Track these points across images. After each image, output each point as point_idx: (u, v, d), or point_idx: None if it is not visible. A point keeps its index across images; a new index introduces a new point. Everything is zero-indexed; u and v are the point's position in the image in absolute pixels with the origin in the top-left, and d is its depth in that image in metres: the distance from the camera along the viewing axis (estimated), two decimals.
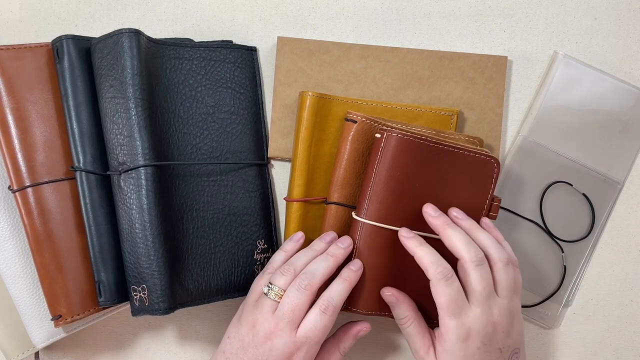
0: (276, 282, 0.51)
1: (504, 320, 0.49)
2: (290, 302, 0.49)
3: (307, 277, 0.50)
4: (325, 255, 0.52)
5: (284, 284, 0.51)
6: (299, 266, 0.52)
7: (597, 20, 0.64)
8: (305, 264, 0.52)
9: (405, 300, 0.53)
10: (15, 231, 0.56)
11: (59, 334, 0.56)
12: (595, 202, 0.62)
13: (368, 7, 0.63)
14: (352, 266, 0.52)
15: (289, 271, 0.51)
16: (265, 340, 0.49)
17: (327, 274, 0.51)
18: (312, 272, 0.50)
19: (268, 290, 0.51)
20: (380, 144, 0.52)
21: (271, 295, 0.50)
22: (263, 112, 0.63)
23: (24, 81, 0.54)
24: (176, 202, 0.55)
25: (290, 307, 0.49)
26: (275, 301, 0.50)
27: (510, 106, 0.63)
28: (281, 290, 0.50)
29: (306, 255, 0.53)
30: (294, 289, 0.50)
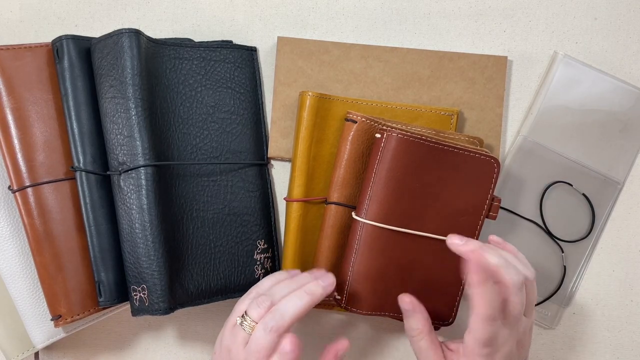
0: (250, 313, 0.48)
1: (526, 338, 0.50)
2: (257, 342, 0.47)
3: (275, 317, 0.47)
4: (300, 292, 0.48)
5: (257, 317, 0.47)
6: (275, 298, 0.48)
7: (597, 20, 0.64)
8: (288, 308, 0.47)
9: (422, 311, 0.51)
10: (15, 231, 0.56)
11: (59, 334, 0.56)
12: (595, 202, 0.62)
13: (368, 7, 0.63)
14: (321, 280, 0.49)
15: (264, 304, 0.48)
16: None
17: (299, 314, 0.47)
18: (282, 312, 0.47)
19: (241, 321, 0.48)
20: (380, 144, 0.52)
21: (245, 327, 0.48)
22: (263, 112, 0.63)
23: (24, 81, 0.54)
24: (176, 202, 0.55)
25: (257, 349, 0.46)
26: (248, 333, 0.48)
27: (510, 106, 0.63)
28: (253, 322, 0.47)
29: (286, 288, 0.49)
30: (261, 329, 0.47)
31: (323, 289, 0.49)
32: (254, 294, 0.51)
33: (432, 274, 0.54)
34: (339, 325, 0.63)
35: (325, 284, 0.49)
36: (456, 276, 0.55)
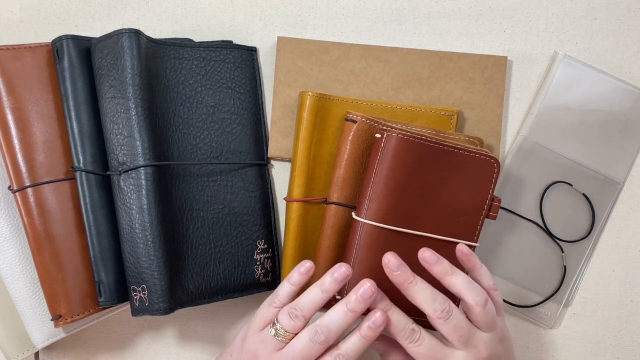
0: (283, 324, 0.49)
1: (495, 350, 0.50)
2: (302, 350, 0.48)
3: (324, 332, 0.48)
4: (344, 309, 0.49)
5: (291, 329, 0.49)
6: (307, 312, 0.49)
7: (597, 20, 0.64)
8: (314, 308, 0.49)
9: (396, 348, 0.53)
10: (15, 231, 0.56)
11: (59, 334, 0.56)
12: (595, 202, 0.62)
13: (368, 7, 0.63)
14: (371, 323, 0.49)
15: (297, 317, 0.49)
16: None
17: (345, 328, 0.49)
18: (329, 327, 0.48)
19: (275, 331, 0.49)
20: (380, 144, 0.52)
21: (278, 337, 0.49)
22: (263, 112, 0.63)
23: (24, 81, 0.54)
24: (176, 202, 0.55)
25: (301, 356, 0.48)
26: (282, 342, 0.49)
27: (510, 106, 0.63)
28: (287, 333, 0.49)
29: (314, 298, 0.49)
30: (307, 339, 0.48)
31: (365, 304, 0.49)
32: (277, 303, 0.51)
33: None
34: None
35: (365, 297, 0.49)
36: None
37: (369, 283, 0.49)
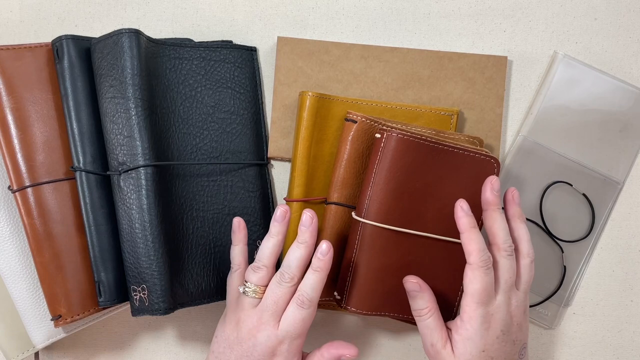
0: (250, 279, 0.51)
1: (519, 313, 0.51)
2: (272, 294, 0.50)
3: (287, 272, 0.50)
4: (296, 244, 0.51)
5: (257, 280, 0.51)
6: (266, 260, 0.51)
7: (597, 20, 0.64)
8: (271, 254, 0.51)
9: (428, 290, 0.52)
10: (15, 231, 0.56)
11: (59, 334, 0.56)
12: (595, 202, 0.62)
13: (368, 7, 0.63)
14: (319, 254, 0.50)
15: (259, 267, 0.51)
16: (249, 337, 0.50)
17: (304, 262, 0.51)
18: (289, 265, 0.50)
19: (244, 288, 0.51)
20: (380, 144, 0.52)
21: (249, 293, 0.51)
22: (263, 112, 0.63)
23: (24, 81, 0.54)
24: (176, 202, 0.55)
25: (273, 300, 0.50)
26: (254, 298, 0.51)
27: (510, 106, 0.63)
28: (257, 287, 0.51)
29: (268, 245, 0.52)
30: (275, 283, 0.50)
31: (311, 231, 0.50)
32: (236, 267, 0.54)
33: (432, 274, 0.54)
34: (340, 325, 0.63)
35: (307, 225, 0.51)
36: (456, 276, 0.55)
37: (308, 213, 0.51)
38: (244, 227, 0.55)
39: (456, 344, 0.50)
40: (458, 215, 0.51)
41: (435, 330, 0.51)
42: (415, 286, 0.52)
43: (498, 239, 0.51)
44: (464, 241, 0.50)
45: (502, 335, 0.49)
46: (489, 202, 0.52)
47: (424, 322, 0.52)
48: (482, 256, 0.49)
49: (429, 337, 0.51)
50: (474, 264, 0.49)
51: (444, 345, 0.50)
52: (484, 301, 0.49)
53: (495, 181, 0.52)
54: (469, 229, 0.50)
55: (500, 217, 0.51)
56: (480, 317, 0.49)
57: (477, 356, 0.49)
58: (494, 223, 0.51)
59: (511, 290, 0.51)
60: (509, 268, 0.50)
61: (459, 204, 0.51)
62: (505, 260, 0.50)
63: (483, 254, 0.49)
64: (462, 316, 0.50)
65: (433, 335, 0.51)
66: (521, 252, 0.52)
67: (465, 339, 0.49)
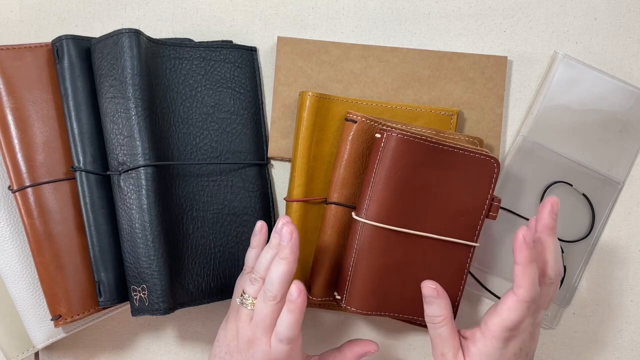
0: (247, 291, 0.51)
1: (537, 330, 0.51)
2: (259, 313, 0.49)
3: (268, 287, 0.49)
4: (277, 260, 0.49)
5: (254, 293, 0.50)
6: (262, 272, 0.50)
7: (597, 20, 0.64)
8: (267, 267, 0.50)
9: (446, 297, 0.50)
10: (15, 231, 0.56)
11: (59, 334, 0.56)
12: (595, 202, 0.62)
13: (368, 7, 0.63)
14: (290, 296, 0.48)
15: (256, 279, 0.51)
16: (248, 347, 0.50)
17: (287, 277, 0.49)
18: (271, 282, 0.49)
19: (242, 300, 0.51)
20: (380, 144, 0.52)
21: (246, 305, 0.51)
22: (263, 112, 0.63)
23: (24, 81, 0.54)
24: (176, 202, 0.55)
25: (261, 318, 0.49)
26: (251, 310, 0.50)
27: (510, 106, 0.63)
28: (253, 299, 0.50)
29: (266, 257, 0.51)
30: (260, 301, 0.49)
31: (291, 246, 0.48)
32: (248, 269, 0.54)
33: (432, 274, 0.54)
34: (339, 325, 0.63)
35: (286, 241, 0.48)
36: (456, 276, 0.55)
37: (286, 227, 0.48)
38: (265, 232, 0.54)
39: (472, 356, 0.48)
40: (518, 246, 0.46)
41: (448, 340, 0.50)
42: (432, 292, 0.50)
43: (547, 268, 0.48)
44: (518, 274, 0.46)
45: (520, 351, 0.49)
46: (546, 226, 0.48)
47: (437, 330, 0.50)
48: (532, 293, 0.46)
49: (440, 346, 0.50)
50: (521, 298, 0.46)
51: (455, 355, 0.49)
52: (514, 328, 0.47)
53: (556, 204, 0.48)
54: (527, 264, 0.46)
55: (554, 245, 0.48)
56: (504, 339, 0.48)
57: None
58: (546, 249, 0.48)
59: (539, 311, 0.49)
60: (548, 296, 0.49)
61: (521, 233, 0.46)
62: (547, 288, 0.48)
63: (534, 292, 0.46)
64: (485, 332, 0.48)
65: (445, 345, 0.50)
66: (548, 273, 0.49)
67: (483, 354, 0.48)
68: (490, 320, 0.48)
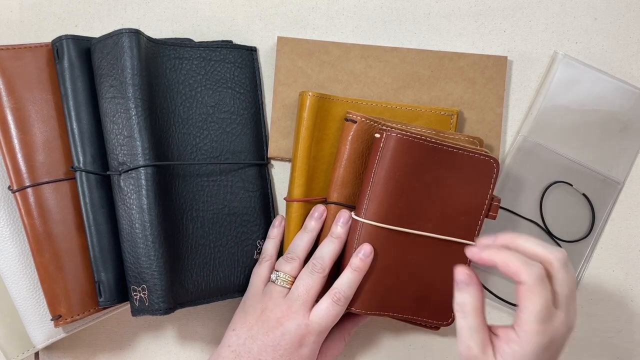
0: (282, 269, 0.54)
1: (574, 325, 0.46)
2: (304, 284, 0.52)
3: (319, 262, 0.52)
4: (330, 239, 0.54)
5: (290, 270, 0.53)
6: (300, 252, 0.54)
7: (597, 20, 0.64)
8: (305, 247, 0.54)
9: (478, 285, 0.46)
10: (15, 231, 0.56)
11: (59, 334, 0.56)
12: (595, 202, 0.62)
13: (368, 7, 0.63)
14: (360, 254, 0.52)
15: (292, 258, 0.54)
16: (277, 325, 0.50)
17: (335, 255, 0.53)
18: (322, 257, 0.53)
19: (276, 277, 0.54)
20: (379, 144, 0.52)
21: (279, 282, 0.53)
22: (263, 112, 0.63)
23: (24, 81, 0.54)
24: (176, 202, 0.55)
25: (305, 289, 0.51)
26: (284, 287, 0.53)
27: (510, 106, 0.63)
28: (288, 276, 0.53)
29: (303, 239, 0.55)
30: (307, 273, 0.52)
31: (345, 228, 0.54)
32: (267, 257, 0.57)
33: (431, 274, 0.54)
34: None
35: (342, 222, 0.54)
36: None
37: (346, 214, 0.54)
38: (283, 225, 0.58)
39: (503, 355, 0.44)
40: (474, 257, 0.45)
41: (477, 333, 0.45)
42: (465, 277, 0.45)
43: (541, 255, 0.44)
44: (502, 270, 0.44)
45: (556, 353, 0.45)
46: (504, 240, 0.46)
47: (465, 321, 0.45)
48: (530, 269, 0.42)
49: (467, 339, 0.45)
50: (527, 282, 0.42)
51: (484, 351, 0.44)
52: (546, 318, 0.43)
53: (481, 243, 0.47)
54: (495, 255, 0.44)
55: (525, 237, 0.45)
56: (541, 337, 0.43)
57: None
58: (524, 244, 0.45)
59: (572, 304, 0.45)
60: (568, 280, 0.44)
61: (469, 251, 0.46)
62: (562, 272, 0.44)
63: (530, 267, 0.43)
64: (519, 332, 0.43)
65: (472, 338, 0.45)
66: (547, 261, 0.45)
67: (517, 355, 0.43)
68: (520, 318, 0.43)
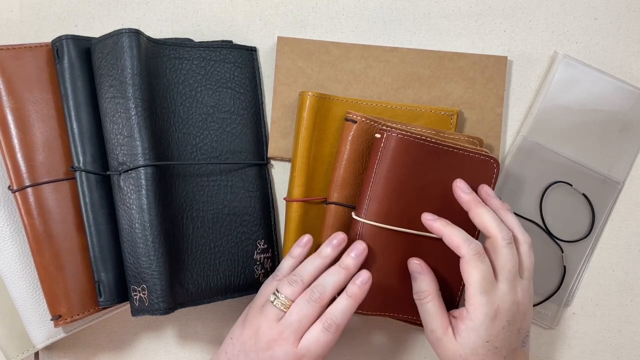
0: (283, 291, 0.51)
1: (526, 302, 0.51)
2: (298, 311, 0.49)
3: (318, 290, 0.50)
4: (337, 268, 0.51)
5: (290, 294, 0.50)
6: (306, 276, 0.51)
7: (597, 20, 0.64)
8: (313, 273, 0.51)
9: (430, 274, 0.52)
10: (15, 231, 0.56)
11: (59, 334, 0.56)
12: (595, 202, 0.62)
13: (368, 7, 0.63)
14: (357, 281, 0.50)
15: (296, 282, 0.51)
16: (267, 348, 0.49)
17: (339, 287, 0.50)
18: (323, 285, 0.50)
19: (274, 298, 0.50)
20: (380, 144, 0.52)
21: (277, 304, 0.50)
22: (263, 112, 0.63)
23: (24, 81, 0.54)
24: (176, 202, 0.55)
25: (298, 317, 0.49)
26: (281, 310, 0.50)
27: (510, 106, 0.63)
28: (287, 300, 0.50)
29: (313, 264, 0.52)
30: (304, 300, 0.49)
31: (357, 260, 0.51)
32: (280, 276, 0.53)
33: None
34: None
35: (356, 254, 0.51)
36: (456, 275, 0.55)
37: (363, 245, 0.51)
38: (310, 246, 0.54)
39: (460, 332, 0.49)
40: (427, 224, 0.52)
41: (436, 316, 0.51)
42: (417, 267, 0.52)
43: (492, 230, 0.50)
44: (447, 241, 0.50)
45: (508, 325, 0.49)
46: (467, 201, 0.52)
47: (425, 306, 0.51)
48: (469, 245, 0.49)
49: (430, 323, 0.51)
50: (465, 256, 0.49)
51: (445, 332, 0.50)
52: (487, 289, 0.48)
53: (460, 182, 0.52)
54: (444, 227, 0.50)
55: (484, 210, 0.51)
56: (485, 307, 0.48)
57: (481, 346, 0.49)
58: (482, 217, 0.51)
59: (515, 279, 0.50)
60: (511, 256, 0.50)
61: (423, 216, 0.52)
62: (505, 249, 0.50)
63: (470, 243, 0.49)
64: (468, 307, 0.49)
65: (433, 321, 0.51)
66: (517, 239, 0.51)
67: (470, 329, 0.49)
68: (466, 294, 0.50)
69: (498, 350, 0.49)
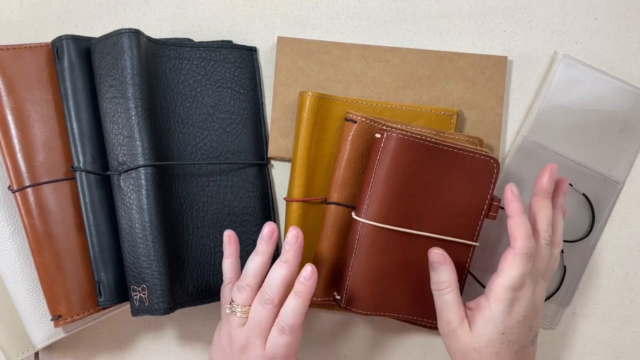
0: (235, 299, 0.50)
1: (539, 302, 0.51)
2: (255, 316, 0.49)
3: (267, 291, 0.49)
4: (279, 263, 0.49)
5: (243, 301, 0.50)
6: (251, 279, 0.50)
7: (597, 20, 0.64)
8: (256, 274, 0.50)
9: (451, 265, 0.51)
10: (15, 231, 0.56)
11: (59, 334, 0.56)
12: (595, 202, 0.62)
13: (368, 7, 0.63)
14: (302, 278, 0.49)
15: (243, 287, 0.50)
16: (242, 353, 0.50)
17: (287, 282, 0.49)
18: (270, 285, 0.49)
19: (231, 310, 0.51)
20: (380, 144, 0.52)
21: (236, 313, 0.50)
22: (263, 112, 0.63)
23: (24, 81, 0.54)
24: (176, 202, 0.55)
25: (257, 321, 0.49)
26: (242, 317, 0.50)
27: (510, 106, 0.63)
28: (242, 307, 0.50)
29: (253, 264, 0.50)
30: (257, 304, 0.49)
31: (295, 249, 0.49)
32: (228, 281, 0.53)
33: None
34: (339, 325, 0.63)
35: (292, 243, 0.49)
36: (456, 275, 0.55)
37: (293, 231, 0.49)
38: (235, 240, 0.53)
39: (477, 322, 0.49)
40: (508, 199, 0.50)
41: (453, 307, 0.50)
42: (439, 257, 0.51)
43: (541, 226, 0.51)
44: (512, 225, 0.49)
45: (523, 320, 0.49)
46: (543, 189, 0.51)
47: (443, 297, 0.50)
48: (527, 244, 0.48)
49: (446, 314, 0.50)
50: (518, 250, 0.48)
51: (461, 324, 0.50)
52: (517, 287, 0.49)
53: (555, 170, 0.52)
54: (519, 214, 0.49)
55: (548, 206, 0.51)
56: (508, 300, 0.48)
57: (497, 338, 0.49)
58: (541, 210, 0.51)
59: (538, 278, 0.51)
60: (544, 257, 0.50)
61: (509, 188, 0.50)
62: (542, 249, 0.50)
63: (529, 242, 0.49)
64: (489, 296, 0.49)
65: (450, 312, 0.50)
66: (555, 241, 0.52)
67: (488, 319, 0.49)
68: (493, 283, 0.49)
69: (511, 345, 0.49)
